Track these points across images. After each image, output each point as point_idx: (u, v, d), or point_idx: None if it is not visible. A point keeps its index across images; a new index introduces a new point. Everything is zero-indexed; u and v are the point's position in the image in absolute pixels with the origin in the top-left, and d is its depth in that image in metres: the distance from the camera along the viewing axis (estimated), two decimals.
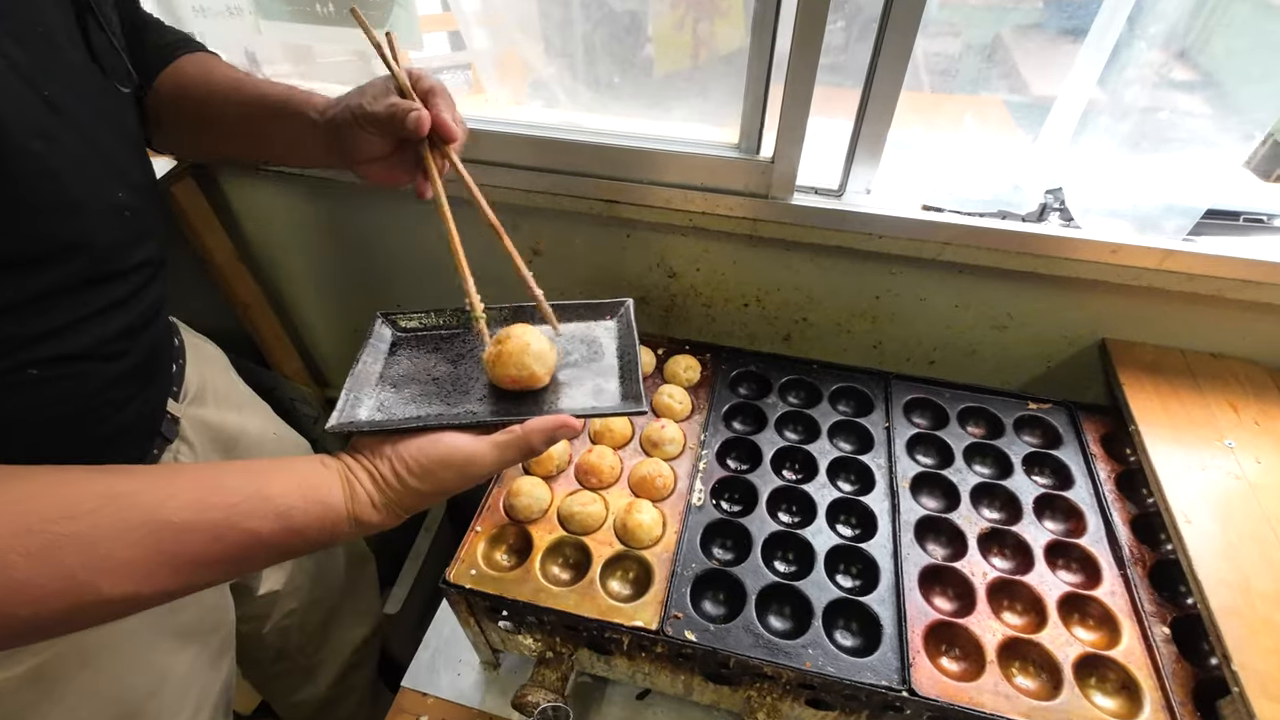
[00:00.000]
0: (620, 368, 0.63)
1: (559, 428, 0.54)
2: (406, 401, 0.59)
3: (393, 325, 0.67)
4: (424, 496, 0.53)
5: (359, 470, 0.52)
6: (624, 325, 0.67)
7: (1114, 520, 0.75)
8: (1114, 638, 0.66)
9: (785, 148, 0.81)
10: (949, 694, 0.61)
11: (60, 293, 0.51)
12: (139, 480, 0.45)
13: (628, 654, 0.70)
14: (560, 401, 0.59)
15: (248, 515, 0.46)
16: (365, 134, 0.59)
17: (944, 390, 0.90)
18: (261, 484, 0.48)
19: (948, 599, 0.71)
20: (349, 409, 0.57)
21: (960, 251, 0.84)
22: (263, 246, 1.27)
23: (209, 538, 0.45)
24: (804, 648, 0.64)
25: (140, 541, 0.43)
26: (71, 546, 0.40)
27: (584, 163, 0.91)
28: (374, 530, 0.53)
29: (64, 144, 0.50)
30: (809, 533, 0.74)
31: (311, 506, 0.49)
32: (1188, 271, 0.78)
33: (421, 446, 0.52)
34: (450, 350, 0.65)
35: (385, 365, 0.63)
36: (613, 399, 0.60)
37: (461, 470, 0.52)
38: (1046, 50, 1.15)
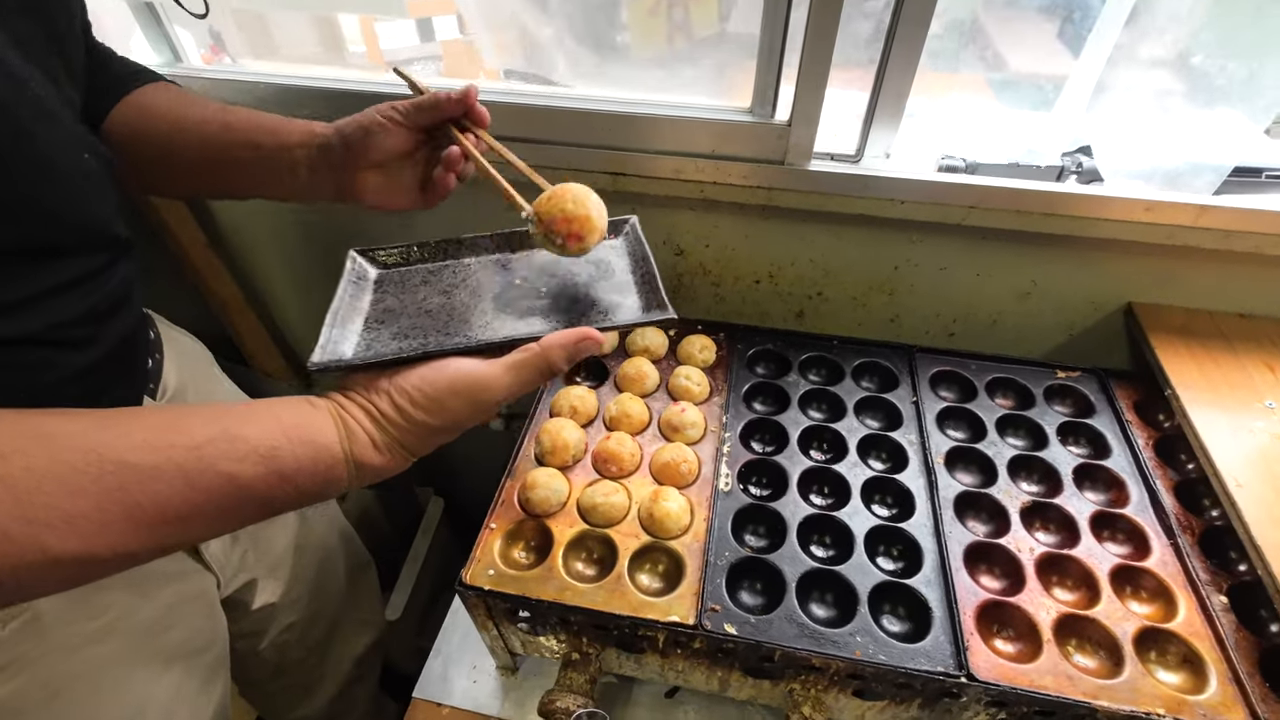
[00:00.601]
0: (636, 281, 0.58)
1: (581, 340, 0.48)
2: (398, 335, 0.53)
3: (372, 261, 0.60)
4: (433, 431, 0.47)
5: (353, 408, 0.46)
6: (632, 240, 0.62)
7: (1158, 488, 0.72)
8: (1170, 610, 0.63)
9: (804, 109, 0.76)
10: (1008, 677, 0.58)
11: (13, 259, 0.44)
12: (78, 420, 0.38)
13: (661, 652, 0.65)
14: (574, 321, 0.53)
15: (222, 456, 0.40)
16: (393, 130, 0.57)
17: (969, 362, 0.87)
18: (231, 422, 0.41)
19: (994, 577, 0.67)
20: (331, 345, 0.50)
21: (986, 215, 0.80)
22: (237, 238, 1.19)
23: (179, 483, 0.38)
24: (852, 636, 0.60)
25: (89, 488, 0.36)
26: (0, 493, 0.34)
27: (587, 133, 0.86)
28: (378, 476, 0.47)
29: (32, 92, 0.44)
30: (845, 514, 0.70)
31: (300, 448, 0.42)
32: (1224, 228, 0.75)
33: (424, 375, 0.47)
34: (440, 282, 0.59)
35: (370, 302, 0.57)
36: (634, 312, 0.55)
37: (473, 397, 0.46)
38: (1023, 27, 1.14)
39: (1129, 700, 0.56)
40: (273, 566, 0.87)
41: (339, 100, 0.93)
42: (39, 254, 0.47)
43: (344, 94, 0.92)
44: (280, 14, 1.47)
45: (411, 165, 0.62)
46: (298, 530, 0.91)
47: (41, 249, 0.47)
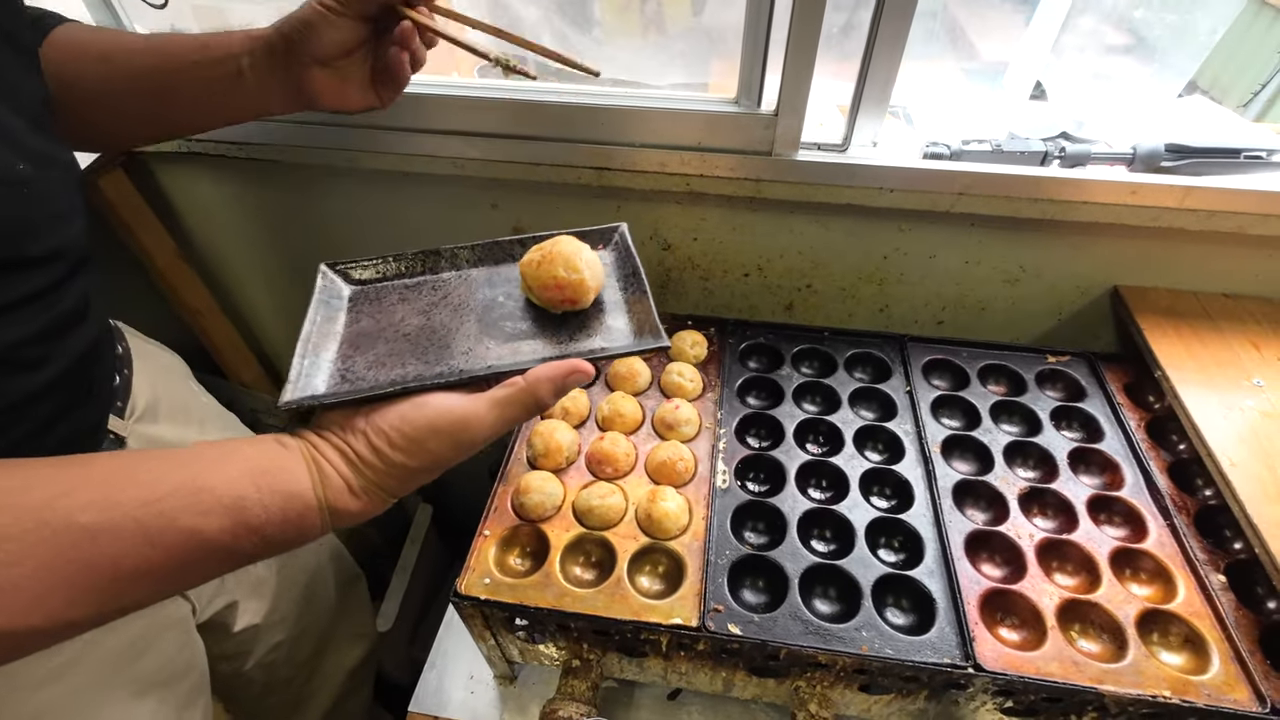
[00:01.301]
0: (627, 299, 0.54)
1: (570, 374, 0.45)
2: (374, 364, 0.49)
3: (345, 277, 0.56)
4: (412, 474, 0.44)
5: (328, 449, 0.43)
6: (621, 252, 0.58)
7: (1151, 469, 0.72)
8: (1170, 590, 0.63)
9: (790, 98, 0.75)
10: (1015, 666, 0.57)
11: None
12: (18, 474, 0.34)
13: (664, 655, 0.64)
14: (562, 348, 0.50)
15: (185, 510, 0.37)
16: (335, 21, 0.53)
17: (961, 350, 0.87)
18: (195, 472, 0.38)
19: (995, 565, 0.67)
20: (304, 379, 0.46)
21: (974, 202, 0.80)
22: (208, 244, 1.15)
23: (136, 541, 0.35)
24: (857, 630, 0.60)
25: (38, 551, 0.32)
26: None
27: (567, 127, 0.84)
28: (354, 521, 0.44)
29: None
30: (844, 507, 0.70)
31: (270, 496, 0.39)
32: (1209, 209, 0.76)
33: (403, 413, 0.43)
34: (418, 300, 0.54)
35: (343, 324, 0.52)
36: (625, 337, 0.51)
37: (455, 437, 0.43)
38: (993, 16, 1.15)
39: (1134, 684, 0.56)
40: (254, 587, 0.84)
41: None
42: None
43: None
44: (241, 8, 1.43)
45: (361, 59, 0.58)
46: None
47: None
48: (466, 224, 1.01)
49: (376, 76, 0.60)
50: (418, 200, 1.00)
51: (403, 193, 0.99)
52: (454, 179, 0.92)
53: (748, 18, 0.73)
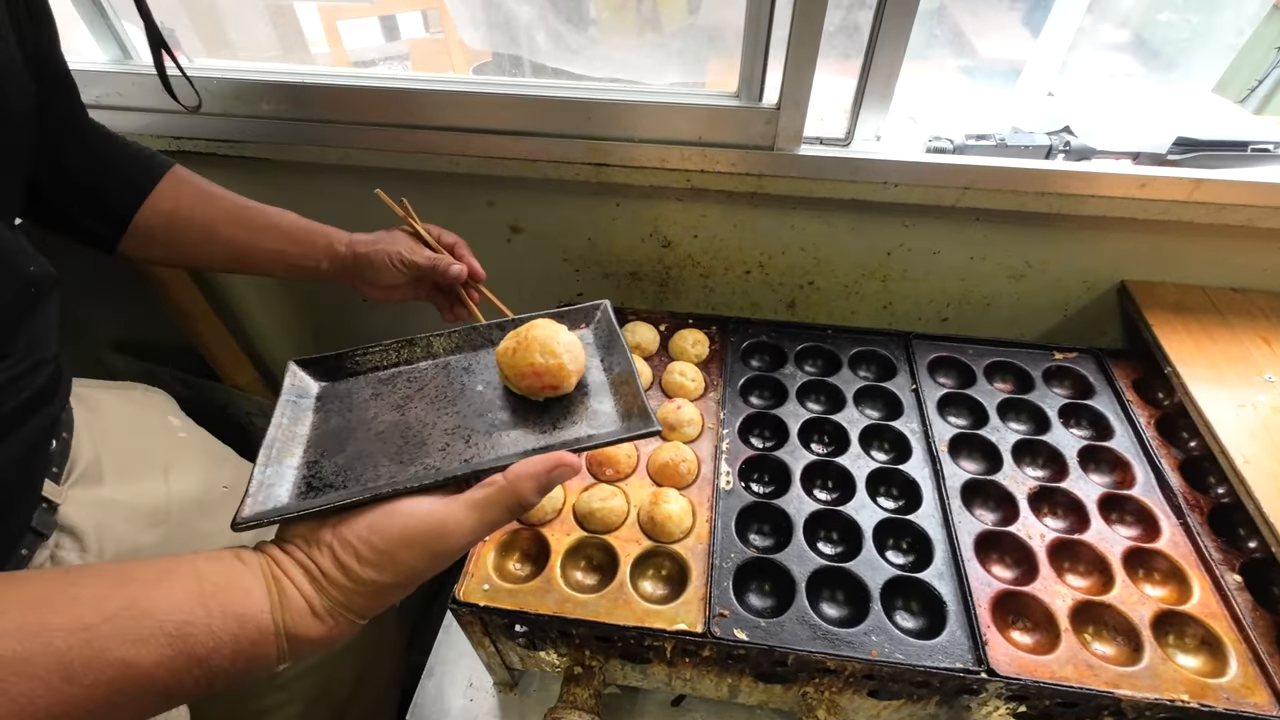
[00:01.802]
0: (611, 381, 0.51)
1: (555, 469, 0.41)
2: (343, 468, 0.45)
3: (312, 371, 0.52)
4: (383, 590, 0.39)
5: (290, 566, 0.38)
6: (604, 331, 0.55)
7: (1163, 467, 0.71)
8: (1185, 591, 0.62)
9: (792, 91, 0.74)
10: (1029, 670, 0.56)
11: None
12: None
13: (669, 661, 0.63)
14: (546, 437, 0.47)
15: (119, 638, 0.32)
16: (394, 271, 0.69)
17: (966, 347, 0.85)
18: (139, 591, 0.34)
19: (1006, 566, 0.66)
20: (264, 490, 0.42)
21: (980, 196, 0.78)
22: None
23: (55, 676, 0.31)
24: (866, 635, 0.58)
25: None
26: None
27: (567, 122, 0.82)
28: (314, 651, 0.39)
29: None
30: (851, 509, 0.68)
31: (221, 620, 0.35)
32: (1218, 202, 0.74)
33: (373, 523, 0.39)
34: (392, 394, 0.51)
35: (311, 425, 0.49)
36: (612, 421, 0.48)
37: (429, 546, 0.39)
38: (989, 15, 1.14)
39: (1151, 688, 0.55)
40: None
41: (302, 95, 0.88)
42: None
43: (306, 88, 0.87)
44: (236, 12, 1.41)
45: (411, 286, 0.73)
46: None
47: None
48: (463, 222, 0.98)
49: (419, 290, 0.74)
50: (413, 198, 0.97)
51: (398, 190, 0.97)
52: (450, 176, 0.90)
53: (749, 8, 0.72)
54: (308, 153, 0.91)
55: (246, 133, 0.91)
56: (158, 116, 0.92)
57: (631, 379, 0.49)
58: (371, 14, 2.19)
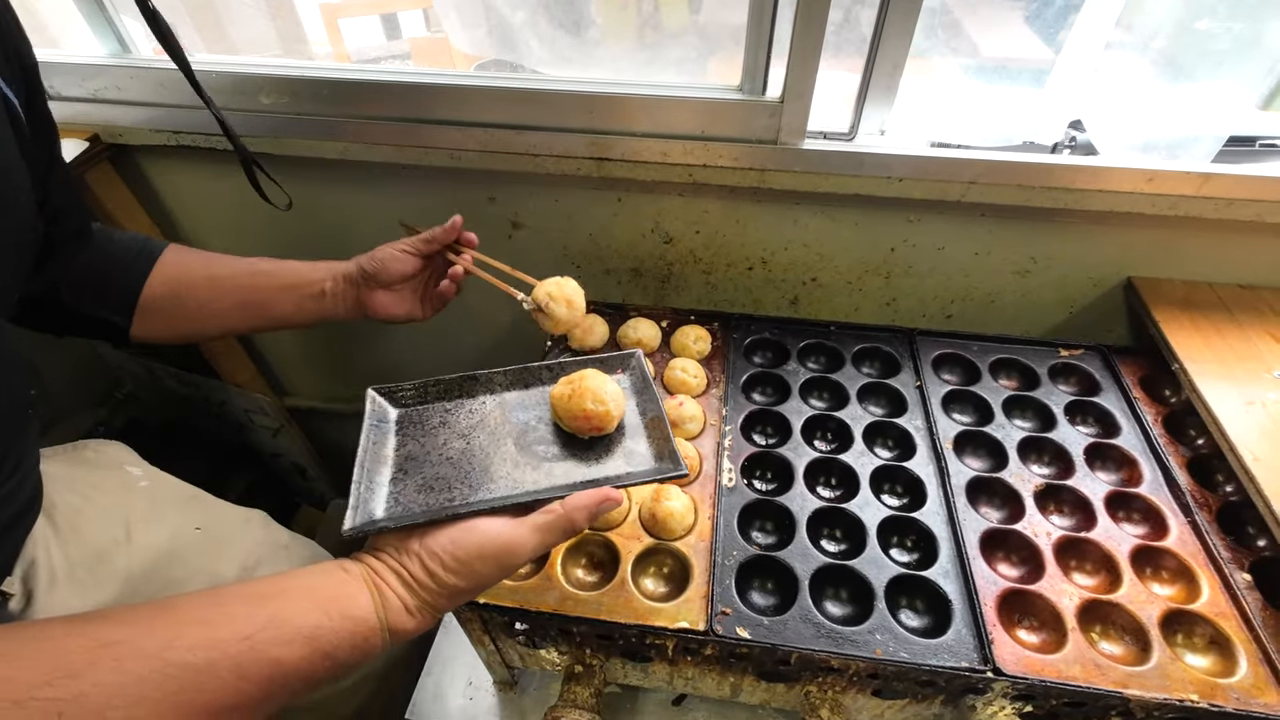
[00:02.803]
0: (645, 424, 0.59)
1: (603, 502, 0.49)
2: (423, 488, 0.53)
3: (391, 399, 0.60)
4: (460, 593, 0.47)
5: (386, 573, 0.46)
6: (638, 379, 0.63)
7: (1170, 465, 0.70)
8: (1193, 590, 0.61)
9: (796, 85, 0.73)
10: (1035, 669, 0.55)
11: None
12: (129, 626, 0.38)
13: (670, 660, 0.62)
14: (590, 470, 0.55)
15: (271, 643, 0.40)
16: (406, 259, 0.72)
17: (971, 343, 0.85)
18: (277, 607, 0.42)
19: (1012, 565, 0.65)
20: (364, 506, 0.50)
21: (986, 191, 0.78)
22: (197, 239, 1.13)
23: (233, 676, 0.38)
24: (870, 634, 0.57)
25: (150, 694, 0.36)
26: (74, 713, 0.34)
27: (570, 116, 0.81)
28: (407, 639, 0.46)
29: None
30: (855, 506, 0.67)
31: (340, 623, 0.43)
32: (1227, 196, 0.73)
33: (454, 538, 0.47)
34: (458, 424, 0.58)
35: (393, 447, 0.56)
36: (646, 461, 0.56)
37: (500, 560, 0.47)
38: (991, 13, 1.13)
39: (1160, 687, 0.54)
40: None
41: (301, 88, 0.87)
42: None
43: (305, 81, 0.87)
44: (237, 8, 1.41)
45: (414, 285, 0.75)
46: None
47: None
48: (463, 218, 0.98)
49: (424, 295, 0.77)
50: (412, 193, 0.97)
51: (396, 185, 0.97)
52: (450, 171, 0.89)
53: (752, 1, 0.71)
54: (307, 147, 0.91)
55: (246, 126, 0.90)
56: (157, 110, 0.92)
57: (662, 423, 0.57)
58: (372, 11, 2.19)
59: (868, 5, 0.75)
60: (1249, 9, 0.73)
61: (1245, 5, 0.73)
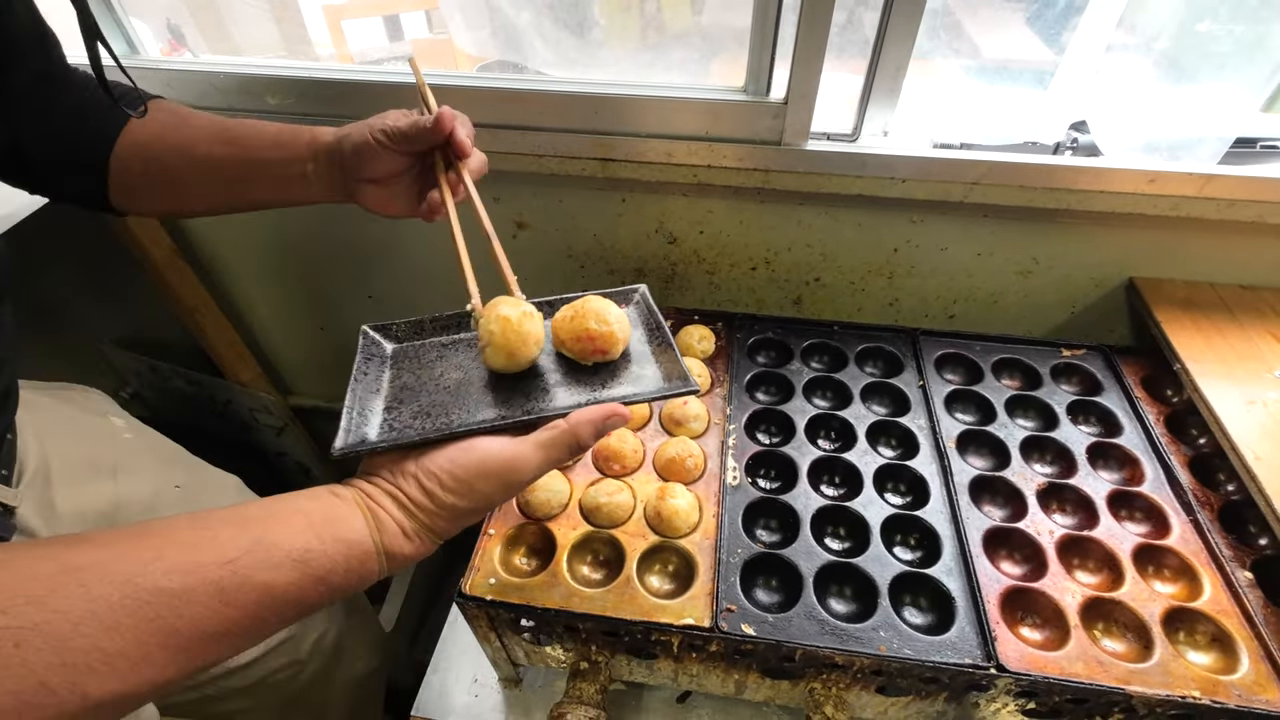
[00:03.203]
0: (653, 350, 0.57)
1: (609, 417, 0.47)
2: (419, 414, 0.51)
3: (386, 334, 0.59)
4: (461, 514, 0.45)
5: (380, 495, 0.45)
6: (643, 310, 0.61)
7: (1172, 464, 0.70)
8: (1195, 588, 0.61)
9: (800, 86, 0.74)
10: (1038, 666, 0.55)
11: None
12: (100, 549, 0.36)
13: (675, 656, 0.62)
14: (596, 394, 0.52)
15: (258, 567, 0.38)
16: (384, 152, 0.59)
17: (974, 343, 0.85)
18: (264, 530, 0.40)
19: (1015, 563, 0.65)
20: (356, 428, 0.49)
21: (989, 191, 0.78)
22: (205, 242, 1.13)
23: (216, 602, 0.36)
24: (874, 630, 0.58)
25: (125, 622, 0.34)
26: (36, 642, 0.31)
27: (574, 117, 0.82)
28: (406, 564, 0.45)
29: None
30: (858, 504, 0.68)
31: (332, 546, 0.41)
32: (1229, 197, 0.74)
33: (453, 456, 0.45)
34: (455, 356, 0.57)
35: (387, 380, 0.55)
36: (655, 382, 0.53)
37: (503, 477, 0.45)
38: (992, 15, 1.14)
39: (1162, 684, 0.54)
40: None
41: (306, 89, 0.88)
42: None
43: (311, 82, 0.87)
44: (240, 10, 1.41)
45: (408, 181, 0.63)
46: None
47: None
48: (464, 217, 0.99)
49: (421, 197, 0.63)
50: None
51: None
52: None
53: (756, 3, 0.72)
54: None
55: None
56: None
57: (671, 350, 0.54)
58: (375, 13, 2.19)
59: (871, 7, 0.75)
60: (1250, 11, 0.73)
61: (1247, 8, 0.73)
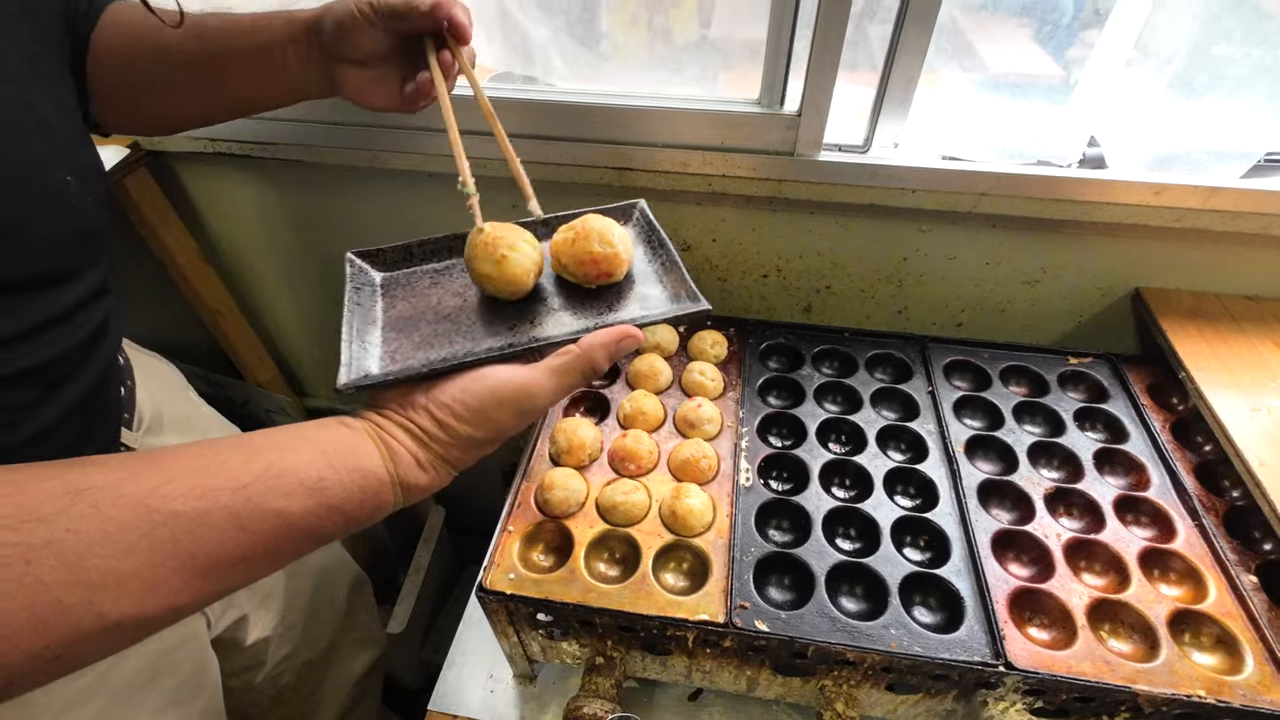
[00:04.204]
0: (656, 270, 0.55)
1: (622, 339, 0.46)
2: (422, 344, 0.49)
3: (373, 261, 0.56)
4: (477, 444, 0.45)
5: (392, 427, 0.44)
6: (643, 227, 0.59)
7: (1178, 470, 0.72)
8: (1201, 591, 0.63)
9: (814, 98, 0.76)
10: (1046, 664, 0.57)
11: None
12: (110, 471, 0.35)
13: (690, 652, 0.64)
14: (604, 318, 0.50)
15: (270, 493, 0.38)
16: (368, 30, 0.53)
17: (981, 351, 0.87)
18: (276, 456, 0.39)
19: (1022, 565, 0.67)
20: (357, 362, 0.47)
21: (997, 202, 0.80)
22: (229, 244, 1.16)
23: (230, 527, 0.36)
24: (885, 628, 0.59)
25: (139, 543, 0.33)
26: (49, 560, 0.31)
27: (591, 128, 0.84)
28: (423, 495, 0.45)
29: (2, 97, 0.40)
30: (869, 506, 0.69)
31: (347, 475, 0.40)
32: (1233, 210, 0.75)
33: (464, 386, 0.44)
34: (451, 283, 0.55)
35: (381, 310, 0.53)
36: (662, 303, 0.52)
37: (519, 405, 0.45)
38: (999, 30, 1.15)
39: (1168, 684, 0.55)
40: (264, 598, 0.84)
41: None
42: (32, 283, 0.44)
43: None
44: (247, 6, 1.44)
45: (394, 65, 0.58)
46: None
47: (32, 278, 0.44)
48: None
49: (407, 84, 0.60)
50: (438, 200, 1.01)
51: (423, 192, 1.00)
52: (476, 179, 0.92)
53: (772, 17, 0.74)
54: (338, 155, 0.94)
55: (278, 135, 0.94)
56: None
57: (677, 267, 0.52)
58: None
59: (879, 21, 0.78)
60: (1265, 35, 0.74)
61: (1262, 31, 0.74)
